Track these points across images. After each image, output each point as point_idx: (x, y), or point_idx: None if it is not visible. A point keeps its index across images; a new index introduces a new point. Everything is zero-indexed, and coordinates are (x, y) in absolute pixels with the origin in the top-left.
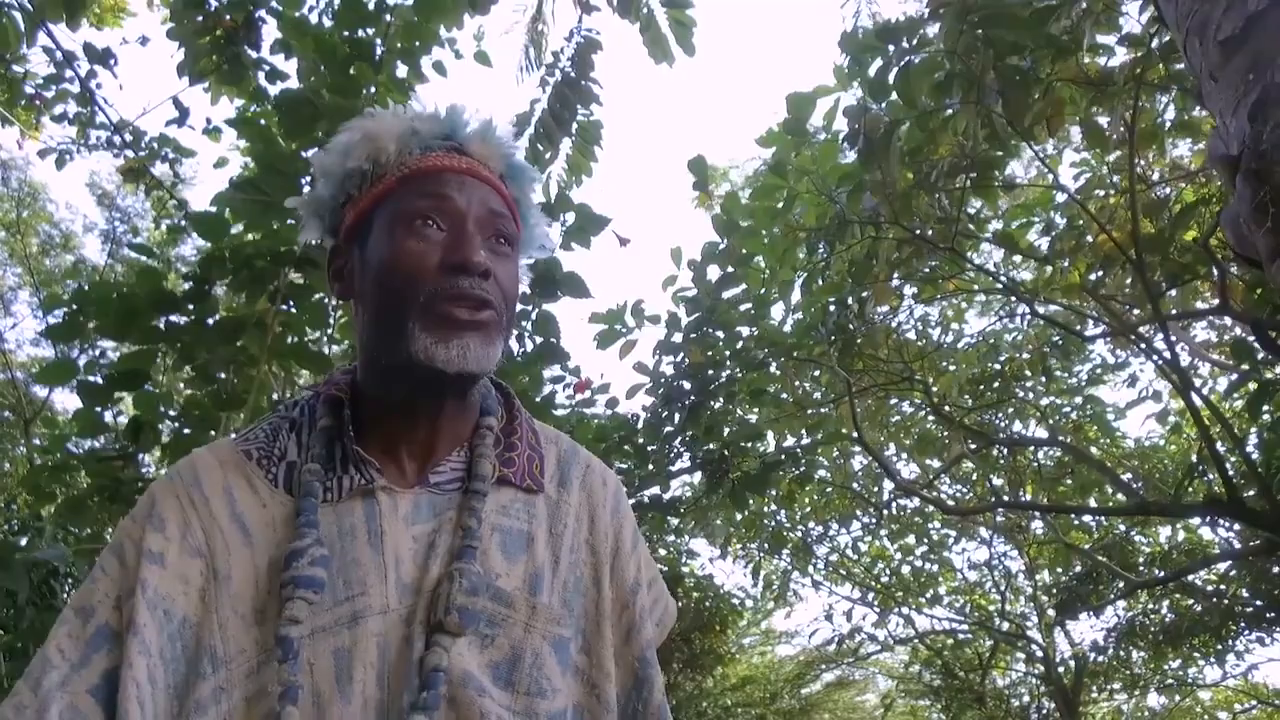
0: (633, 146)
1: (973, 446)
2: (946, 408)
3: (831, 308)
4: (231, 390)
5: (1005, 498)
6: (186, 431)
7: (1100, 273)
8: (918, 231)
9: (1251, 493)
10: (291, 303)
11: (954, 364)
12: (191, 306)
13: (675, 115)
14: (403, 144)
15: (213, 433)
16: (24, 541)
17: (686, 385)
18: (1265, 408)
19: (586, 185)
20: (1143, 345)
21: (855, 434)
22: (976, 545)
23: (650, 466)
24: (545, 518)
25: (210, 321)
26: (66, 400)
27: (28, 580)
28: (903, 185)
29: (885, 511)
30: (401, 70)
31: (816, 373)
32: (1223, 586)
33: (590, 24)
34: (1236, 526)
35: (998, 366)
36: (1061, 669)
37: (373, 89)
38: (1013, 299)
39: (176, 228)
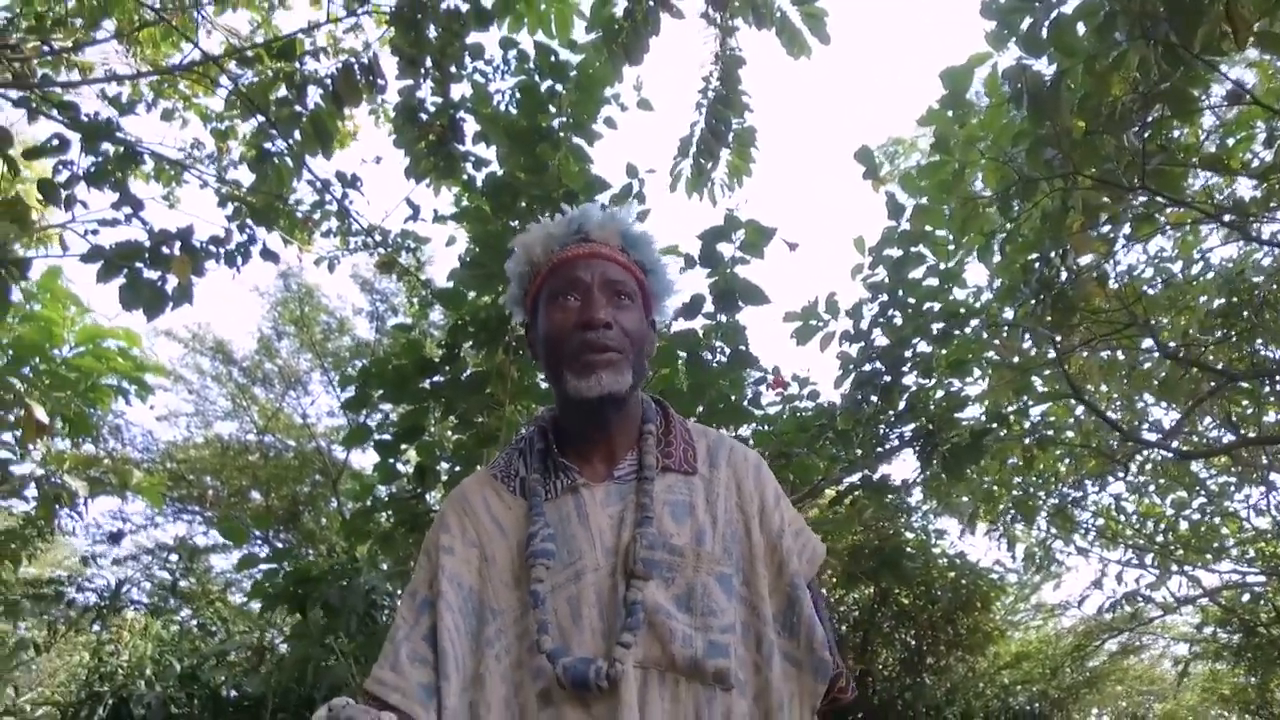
0: (796, 139)
1: (1213, 385)
2: (1190, 346)
3: (1036, 265)
4: (487, 430)
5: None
6: (458, 469)
7: None
8: (1107, 175)
9: None
10: (522, 352)
11: (1191, 299)
12: (446, 368)
13: (828, 97)
14: (546, 246)
15: (478, 467)
16: (344, 581)
17: (881, 366)
18: None
19: (760, 191)
20: None
21: (1072, 391)
22: (1263, 492)
23: (858, 450)
24: (702, 491)
25: (462, 377)
26: (357, 459)
27: (362, 602)
28: (1077, 134)
29: (1151, 465)
30: (577, 138)
31: (1027, 334)
32: None
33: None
34: None
35: (1256, 294)
36: None
37: (555, 162)
38: (1223, 224)
39: (426, 302)
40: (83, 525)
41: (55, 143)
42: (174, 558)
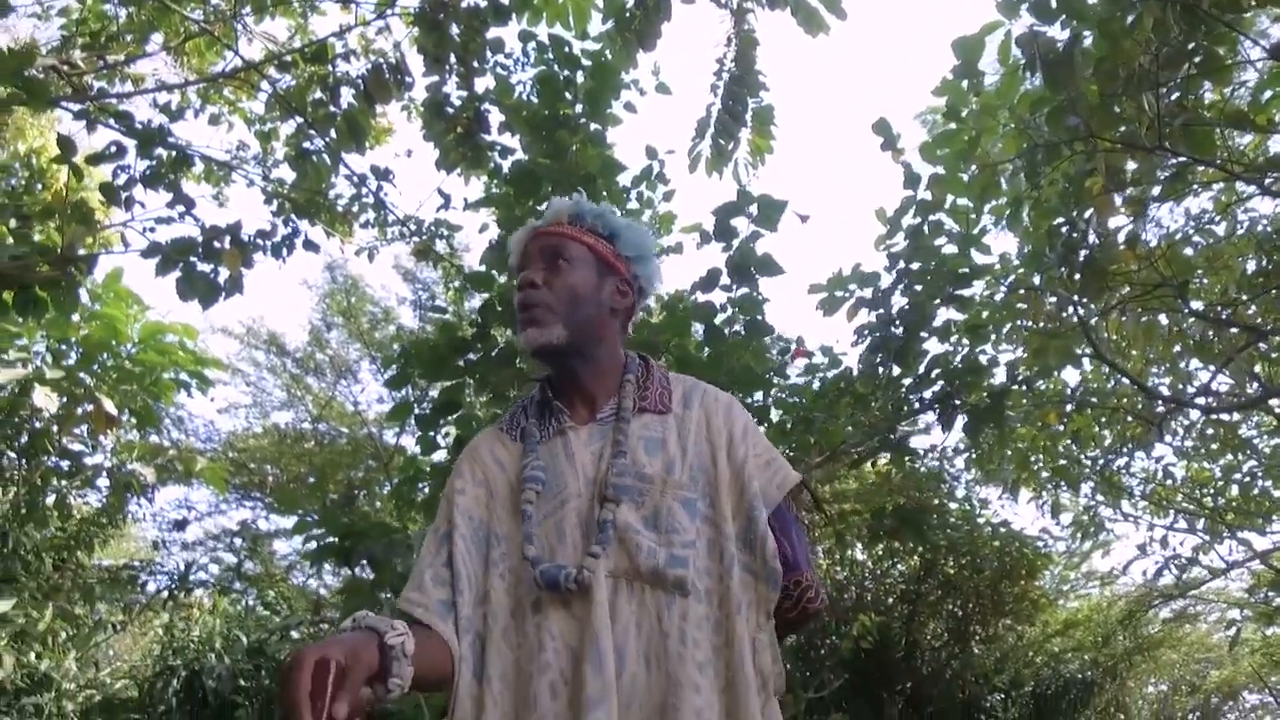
0: (817, 113)
1: (1244, 343)
2: (1227, 305)
3: (1063, 230)
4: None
5: None
6: None
7: None
8: (1128, 137)
9: None
10: None
11: (1230, 258)
12: (479, 345)
13: (847, 69)
14: (522, 240)
15: None
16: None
17: (897, 331)
18: None
19: (782, 168)
20: None
21: (1095, 351)
22: None
23: (876, 413)
24: (675, 428)
25: (494, 354)
26: (407, 442)
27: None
28: (1093, 98)
29: (1196, 429)
30: (595, 124)
31: (1053, 299)
32: None
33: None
34: None
35: None
36: None
37: (574, 148)
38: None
39: (462, 287)
40: (151, 514)
41: (113, 149)
42: (238, 542)
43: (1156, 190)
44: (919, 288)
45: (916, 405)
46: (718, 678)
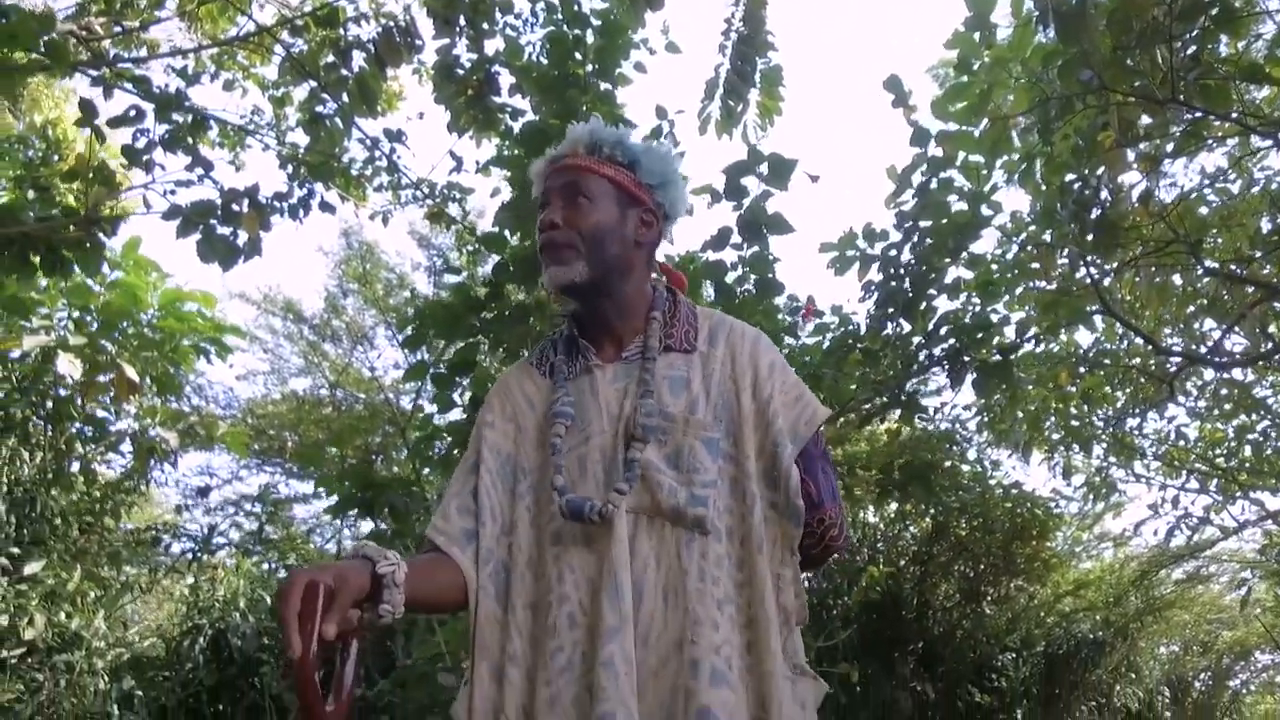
0: (822, 72)
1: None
2: (1240, 263)
3: (1075, 186)
4: None
5: None
6: None
7: None
8: (1141, 91)
9: None
10: None
11: (1244, 216)
12: (493, 304)
13: (857, 27)
14: (540, 174)
15: None
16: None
17: (905, 286)
18: None
19: (784, 128)
20: None
21: (1104, 307)
22: None
23: (887, 370)
24: (699, 366)
25: (507, 312)
26: (423, 405)
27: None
28: (1105, 51)
29: (1210, 389)
30: (605, 84)
31: (1065, 258)
32: None
33: None
34: None
35: None
36: None
37: (584, 107)
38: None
39: (475, 250)
40: (174, 479)
41: (133, 113)
42: (259, 507)
43: (1170, 146)
44: (928, 241)
45: (926, 362)
46: (739, 614)
